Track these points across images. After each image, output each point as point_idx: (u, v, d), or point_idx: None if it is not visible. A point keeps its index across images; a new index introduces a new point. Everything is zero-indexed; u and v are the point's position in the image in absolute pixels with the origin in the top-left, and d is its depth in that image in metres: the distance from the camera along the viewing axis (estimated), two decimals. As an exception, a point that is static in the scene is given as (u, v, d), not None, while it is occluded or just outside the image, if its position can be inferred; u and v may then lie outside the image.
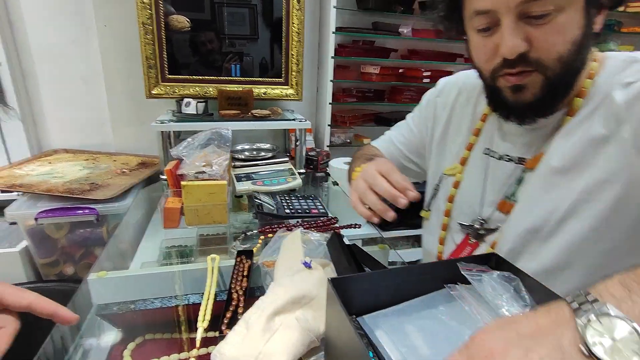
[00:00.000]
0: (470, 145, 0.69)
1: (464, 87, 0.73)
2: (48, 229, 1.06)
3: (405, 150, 0.85)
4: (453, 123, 0.74)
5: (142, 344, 0.65)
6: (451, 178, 0.72)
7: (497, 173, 0.65)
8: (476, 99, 0.71)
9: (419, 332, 0.42)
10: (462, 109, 0.73)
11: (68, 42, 1.37)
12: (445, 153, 0.75)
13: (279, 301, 0.50)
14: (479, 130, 0.69)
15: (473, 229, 0.67)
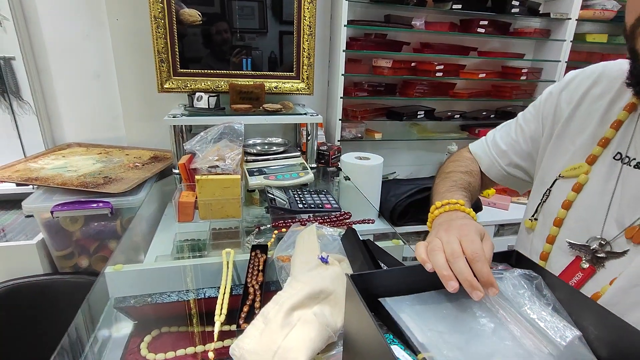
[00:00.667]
0: (606, 140, 0.55)
1: (602, 77, 0.59)
2: (63, 222, 1.07)
3: (512, 153, 0.72)
4: (577, 118, 0.60)
5: (159, 337, 0.66)
6: (570, 181, 0.58)
7: (631, 185, 0.51)
8: (616, 93, 0.56)
9: (442, 320, 0.42)
10: (592, 102, 0.59)
11: (81, 37, 1.38)
12: (560, 153, 0.62)
13: (296, 296, 0.50)
14: (620, 123, 0.54)
15: (589, 251, 0.54)
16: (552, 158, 0.63)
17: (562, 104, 0.63)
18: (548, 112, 0.66)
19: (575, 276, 0.54)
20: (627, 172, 0.51)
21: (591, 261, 0.54)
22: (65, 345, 0.58)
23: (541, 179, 0.65)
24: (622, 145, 0.53)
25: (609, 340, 0.38)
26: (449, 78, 1.69)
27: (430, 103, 1.78)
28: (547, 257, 0.60)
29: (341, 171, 1.42)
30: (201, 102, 1.32)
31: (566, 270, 0.55)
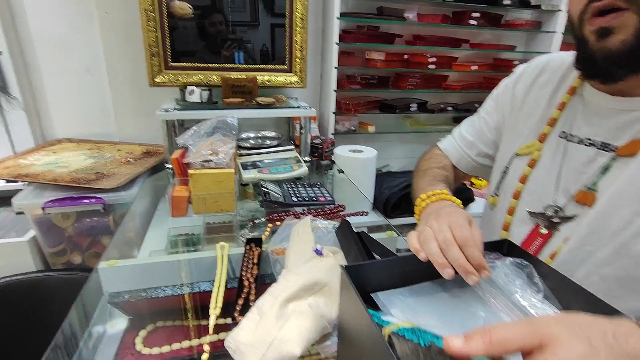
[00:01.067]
0: (553, 120, 0.62)
1: (547, 66, 0.68)
2: (55, 219, 1.06)
3: (479, 143, 0.78)
4: (528, 103, 0.68)
5: (154, 331, 0.66)
6: (525, 158, 0.65)
7: (575, 158, 0.58)
8: (560, 79, 0.64)
9: (433, 312, 0.42)
10: (540, 89, 0.67)
11: (70, 31, 1.36)
12: (516, 135, 0.69)
13: (291, 288, 0.50)
14: (564, 105, 0.62)
15: (545, 217, 0.60)
16: (509, 140, 0.71)
17: (517, 93, 0.71)
18: (506, 102, 0.73)
19: (536, 241, 0.61)
20: (571, 147, 0.59)
21: (548, 227, 0.60)
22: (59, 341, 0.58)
23: (500, 160, 0.72)
24: (566, 125, 0.61)
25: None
26: (441, 70, 1.69)
27: (423, 95, 1.78)
28: (508, 228, 0.66)
29: (335, 164, 1.42)
30: (193, 96, 1.31)
31: (528, 237, 0.62)
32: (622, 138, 0.53)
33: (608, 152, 0.54)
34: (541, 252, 0.60)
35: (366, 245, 0.66)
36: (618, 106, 0.54)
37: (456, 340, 0.30)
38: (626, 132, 0.53)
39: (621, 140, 0.53)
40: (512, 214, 0.66)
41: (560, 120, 0.62)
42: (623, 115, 0.53)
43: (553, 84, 0.65)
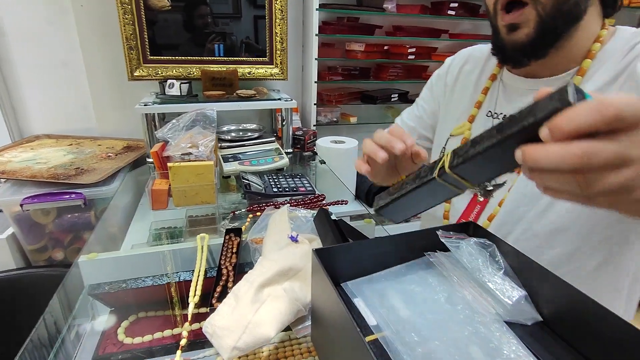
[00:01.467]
0: (479, 103, 0.70)
1: (471, 57, 0.76)
2: (35, 215, 1.06)
3: (420, 128, 0.85)
4: (457, 90, 0.76)
5: (136, 322, 0.67)
6: (458, 137, 0.73)
7: None
8: (482, 67, 0.72)
9: (399, 295, 0.45)
10: (466, 76, 0.75)
11: (44, 24, 1.33)
12: (449, 119, 0.77)
13: (267, 274, 0.52)
14: (487, 89, 0.70)
15: (481, 187, 0.67)
16: (443, 123, 0.79)
17: (448, 82, 0.79)
18: (439, 90, 0.81)
19: (475, 208, 0.69)
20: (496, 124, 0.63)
21: (484, 195, 0.68)
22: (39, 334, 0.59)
23: (438, 141, 0.80)
24: (491, 105, 0.69)
25: (550, 299, 0.42)
26: (421, 61, 1.71)
27: (403, 86, 1.80)
28: (450, 200, 0.74)
29: (317, 155, 1.43)
30: (173, 89, 1.30)
31: (468, 206, 0.70)
32: None
33: None
34: (480, 217, 0.68)
35: (343, 232, 0.67)
36: (530, 87, 0.63)
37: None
38: None
39: None
40: None
41: (485, 103, 0.70)
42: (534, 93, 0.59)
43: (477, 72, 0.73)
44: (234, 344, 0.45)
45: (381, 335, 0.39)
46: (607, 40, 0.57)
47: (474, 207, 0.69)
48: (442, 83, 0.80)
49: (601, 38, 0.57)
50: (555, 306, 0.41)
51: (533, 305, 0.43)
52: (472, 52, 0.77)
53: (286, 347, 0.58)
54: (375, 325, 0.41)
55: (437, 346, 0.38)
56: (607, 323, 0.37)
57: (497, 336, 0.39)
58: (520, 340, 0.39)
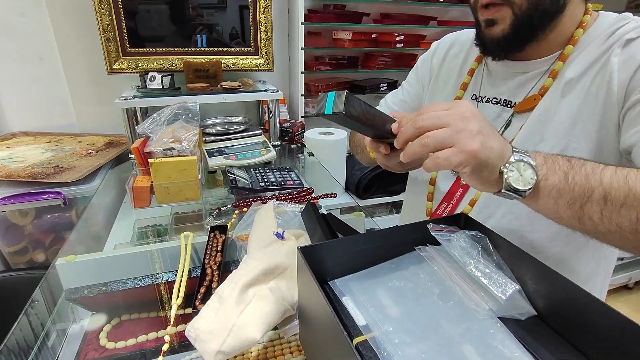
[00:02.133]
0: (465, 84, 0.71)
1: (456, 41, 0.76)
2: (12, 216, 1.02)
3: (403, 110, 0.85)
4: (443, 72, 0.76)
5: (119, 325, 0.64)
6: None
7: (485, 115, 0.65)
8: (467, 50, 0.73)
9: (388, 292, 0.43)
10: (452, 60, 0.75)
11: (15, 15, 1.27)
12: (434, 100, 0.76)
13: (251, 273, 0.50)
14: (473, 71, 0.70)
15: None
16: (429, 101, 0.79)
17: (434, 65, 0.79)
18: (425, 74, 0.81)
19: (458, 192, 0.70)
20: (481, 107, 0.67)
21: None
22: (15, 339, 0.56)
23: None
24: (476, 88, 0.70)
25: (544, 292, 0.41)
26: (409, 49, 1.68)
27: (392, 75, 1.77)
28: (434, 182, 0.74)
29: (305, 147, 1.41)
30: (154, 82, 1.26)
31: (450, 190, 0.70)
32: (519, 95, 0.62)
33: (509, 108, 0.64)
34: (462, 200, 0.69)
35: (331, 227, 0.65)
36: (515, 69, 0.63)
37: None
38: (522, 90, 0.62)
39: (519, 98, 0.62)
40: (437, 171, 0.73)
41: (470, 85, 0.71)
42: (518, 76, 0.63)
43: (462, 55, 0.74)
44: (218, 348, 0.43)
45: (371, 336, 0.37)
46: (589, 25, 0.58)
47: (457, 190, 0.69)
48: (428, 66, 0.80)
49: (584, 24, 0.57)
50: (550, 299, 0.40)
51: (527, 299, 0.41)
52: (458, 36, 0.77)
53: (275, 347, 0.56)
54: (365, 325, 0.39)
55: (429, 346, 0.36)
56: (601, 316, 0.35)
57: (490, 333, 0.38)
58: (515, 337, 0.38)
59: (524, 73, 0.62)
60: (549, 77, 0.58)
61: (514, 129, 0.62)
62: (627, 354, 0.34)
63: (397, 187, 1.58)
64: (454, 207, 0.70)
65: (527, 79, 0.62)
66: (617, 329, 0.34)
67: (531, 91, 0.61)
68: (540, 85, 0.60)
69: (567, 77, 0.57)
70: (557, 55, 0.59)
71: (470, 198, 0.67)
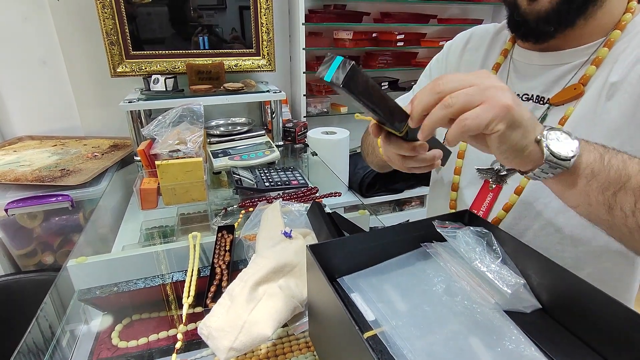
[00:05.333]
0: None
1: (473, 35, 0.71)
2: (21, 219, 1.03)
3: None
4: (462, 68, 0.71)
5: (130, 325, 0.65)
6: None
7: None
8: (489, 45, 0.67)
9: (396, 288, 0.44)
10: (472, 54, 0.70)
11: (19, 21, 1.28)
12: None
13: (261, 271, 0.51)
14: (499, 65, 0.64)
15: (493, 172, 0.62)
16: None
17: (450, 62, 0.73)
18: (440, 73, 0.75)
19: (487, 197, 0.62)
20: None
21: (496, 181, 0.61)
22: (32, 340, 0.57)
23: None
24: None
25: (549, 285, 0.42)
26: (410, 47, 1.69)
27: (393, 73, 1.78)
28: (457, 188, 0.68)
29: (308, 147, 1.42)
30: (158, 84, 1.27)
31: (479, 195, 0.63)
32: (554, 90, 0.56)
33: (543, 105, 0.57)
34: (494, 206, 0.62)
35: (337, 225, 0.66)
36: (548, 62, 0.57)
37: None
38: (558, 84, 0.56)
39: (553, 93, 0.56)
40: (460, 174, 0.68)
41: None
42: (553, 69, 0.57)
43: (483, 49, 0.68)
44: (230, 344, 0.44)
45: (380, 331, 0.38)
46: (637, 13, 0.52)
47: (486, 196, 0.62)
48: (443, 66, 0.75)
49: (632, 9, 0.52)
50: (554, 293, 0.41)
51: (532, 293, 0.42)
52: (475, 30, 0.72)
53: (284, 344, 0.57)
54: (374, 320, 0.40)
55: (437, 339, 0.37)
56: (606, 308, 0.36)
57: (497, 326, 0.39)
58: (520, 329, 0.38)
59: (559, 65, 0.56)
60: (592, 65, 0.52)
61: (550, 123, 0.55)
62: (632, 344, 0.34)
63: (400, 185, 1.59)
64: (485, 216, 0.62)
65: (564, 72, 0.55)
66: (621, 320, 0.35)
67: (569, 83, 0.54)
68: (580, 75, 0.53)
69: (613, 76, 0.50)
70: (600, 43, 0.53)
71: (504, 202, 0.60)
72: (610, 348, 0.36)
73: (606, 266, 0.55)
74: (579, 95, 0.53)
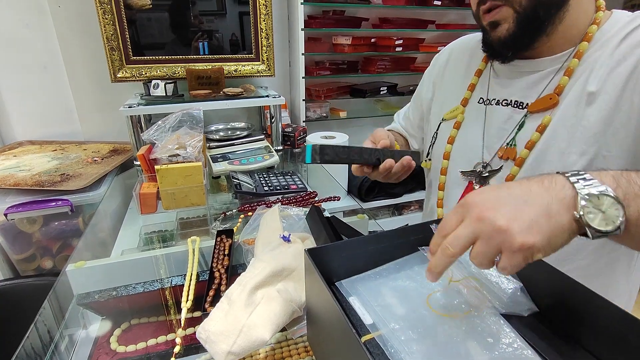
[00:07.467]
0: (472, 85, 0.69)
1: (455, 46, 0.77)
2: (20, 224, 1.03)
3: (410, 127, 0.86)
4: (446, 77, 0.76)
5: (129, 330, 0.65)
6: (451, 122, 0.72)
7: (495, 118, 0.65)
8: (471, 52, 0.72)
9: (394, 292, 0.44)
10: (455, 63, 0.75)
11: (21, 27, 1.29)
12: (441, 102, 0.75)
13: (259, 275, 0.51)
14: (480, 72, 0.69)
15: (476, 174, 0.66)
16: (436, 108, 0.77)
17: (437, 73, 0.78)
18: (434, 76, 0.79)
19: None
20: (489, 110, 0.66)
21: (479, 182, 0.65)
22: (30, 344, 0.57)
23: (430, 127, 0.79)
24: (483, 92, 0.68)
25: (545, 289, 0.42)
26: (409, 52, 1.70)
27: (392, 78, 1.79)
28: (444, 187, 0.72)
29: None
30: (158, 89, 1.28)
31: (463, 195, 0.68)
32: (531, 95, 0.60)
33: (521, 109, 0.61)
34: None
35: (336, 229, 0.67)
36: (524, 69, 0.62)
37: (428, 275, 0.37)
38: (534, 90, 0.60)
39: (531, 98, 0.60)
40: (446, 174, 0.72)
41: (477, 87, 0.69)
42: (529, 76, 0.61)
43: (466, 57, 0.73)
44: (228, 348, 0.44)
45: (378, 334, 0.38)
46: (603, 22, 0.56)
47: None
48: (435, 69, 0.80)
49: (598, 20, 0.56)
50: (551, 296, 0.41)
51: (529, 297, 0.42)
52: (464, 39, 0.77)
53: (283, 348, 0.57)
54: (372, 324, 0.40)
55: (435, 342, 0.37)
56: (603, 312, 0.36)
57: (494, 330, 0.39)
58: (518, 333, 0.39)
59: (534, 72, 0.60)
60: (564, 76, 0.57)
61: (528, 129, 0.60)
62: (628, 347, 0.35)
63: (399, 190, 1.59)
64: None
65: (539, 78, 0.60)
66: (617, 322, 0.35)
67: (544, 90, 0.59)
68: (555, 84, 0.58)
69: (591, 86, 0.54)
70: (570, 52, 0.57)
71: None
72: (607, 351, 0.36)
73: (585, 263, 0.58)
74: (554, 104, 0.57)
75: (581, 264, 0.58)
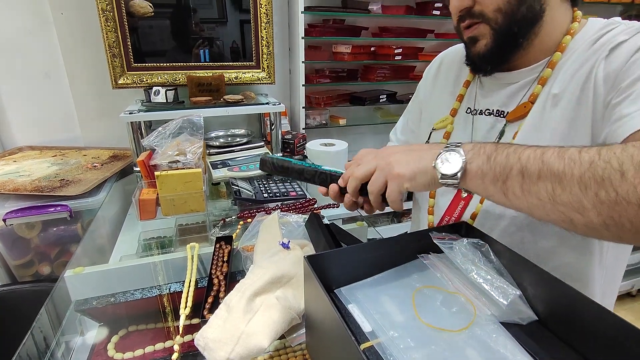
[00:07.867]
0: (461, 96, 0.72)
1: (445, 57, 0.79)
2: (19, 229, 1.03)
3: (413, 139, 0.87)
4: (437, 87, 0.78)
5: (126, 336, 0.65)
6: (441, 131, 0.74)
7: (480, 128, 0.68)
8: (460, 63, 0.74)
9: (393, 299, 0.44)
10: (445, 73, 0.77)
11: (24, 34, 1.30)
12: (431, 112, 0.78)
13: (258, 282, 0.51)
14: (468, 83, 0.71)
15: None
16: (427, 118, 0.79)
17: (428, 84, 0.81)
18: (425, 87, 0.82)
19: (459, 205, 0.69)
20: (475, 120, 0.69)
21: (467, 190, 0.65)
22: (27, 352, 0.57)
23: (421, 136, 0.81)
24: (470, 102, 0.71)
25: (544, 297, 0.42)
26: (408, 61, 1.72)
27: (391, 87, 1.81)
28: (434, 195, 0.75)
29: (307, 158, 1.42)
30: (159, 96, 1.28)
31: (452, 203, 0.70)
32: (511, 105, 0.64)
33: (502, 118, 0.65)
34: (464, 214, 0.68)
35: (335, 236, 0.67)
36: (503, 80, 0.65)
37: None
38: (513, 100, 0.64)
39: (511, 107, 0.63)
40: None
41: (465, 98, 0.72)
42: (508, 87, 0.64)
43: (455, 67, 0.75)
44: (227, 356, 0.44)
45: (377, 342, 0.38)
46: (577, 32, 0.58)
47: (458, 203, 0.69)
48: (426, 80, 0.82)
49: (572, 30, 0.58)
50: (550, 304, 0.41)
51: (528, 305, 0.42)
52: (447, 52, 0.80)
53: (281, 356, 0.57)
54: (371, 331, 0.40)
55: (433, 351, 0.37)
56: (600, 319, 0.37)
57: (493, 338, 0.39)
58: (517, 341, 0.39)
59: (513, 83, 0.63)
60: (538, 84, 0.60)
61: (507, 137, 0.63)
62: (627, 355, 0.35)
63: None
64: (457, 220, 0.69)
65: (518, 89, 0.63)
66: (616, 331, 0.35)
67: (522, 100, 0.62)
68: (530, 93, 0.61)
69: (555, 88, 0.57)
70: (545, 63, 0.60)
71: (472, 212, 0.67)
72: (605, 358, 0.36)
73: (567, 261, 0.60)
74: (528, 112, 0.60)
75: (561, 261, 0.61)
